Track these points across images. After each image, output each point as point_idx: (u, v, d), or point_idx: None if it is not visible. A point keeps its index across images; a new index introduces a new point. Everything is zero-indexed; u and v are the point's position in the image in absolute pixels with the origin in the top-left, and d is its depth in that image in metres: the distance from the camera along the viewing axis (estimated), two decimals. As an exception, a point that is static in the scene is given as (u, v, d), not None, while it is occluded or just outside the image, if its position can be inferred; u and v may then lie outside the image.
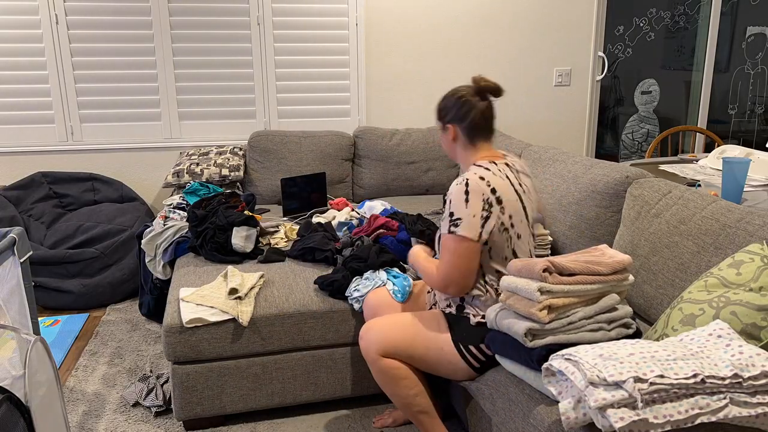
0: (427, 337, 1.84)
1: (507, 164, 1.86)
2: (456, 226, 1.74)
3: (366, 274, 2.26)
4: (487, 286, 1.83)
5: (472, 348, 1.80)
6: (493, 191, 1.75)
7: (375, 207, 2.97)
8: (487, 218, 1.74)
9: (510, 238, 1.80)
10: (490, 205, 1.74)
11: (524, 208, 1.83)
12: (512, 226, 1.80)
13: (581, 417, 1.29)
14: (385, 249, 2.35)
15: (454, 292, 1.80)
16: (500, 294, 1.74)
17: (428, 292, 2.10)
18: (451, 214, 1.75)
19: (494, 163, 1.83)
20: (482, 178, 1.75)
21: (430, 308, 2.04)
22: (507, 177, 1.81)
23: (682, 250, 1.84)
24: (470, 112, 1.84)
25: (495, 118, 1.89)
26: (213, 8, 3.52)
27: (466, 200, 1.73)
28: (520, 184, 1.85)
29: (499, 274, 1.83)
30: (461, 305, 1.88)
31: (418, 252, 1.97)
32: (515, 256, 1.83)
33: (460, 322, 1.85)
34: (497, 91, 1.85)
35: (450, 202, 1.76)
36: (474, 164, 1.83)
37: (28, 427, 1.36)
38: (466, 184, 1.74)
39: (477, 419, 1.88)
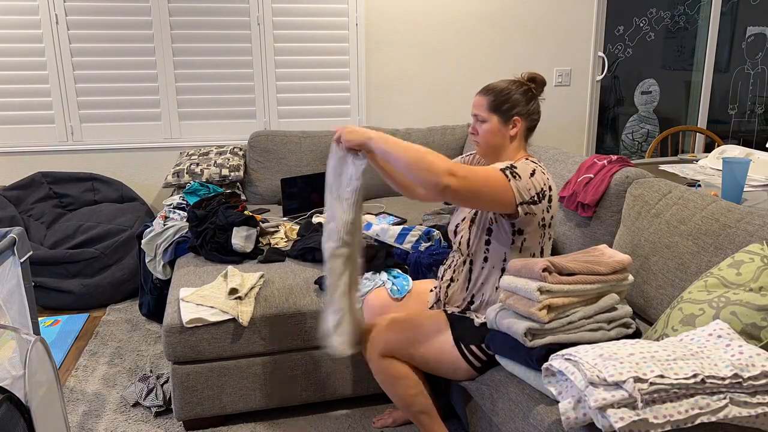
0: (428, 337, 1.84)
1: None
2: (513, 176, 1.65)
3: (367, 275, 2.26)
4: None
5: (473, 347, 1.80)
6: (550, 188, 1.75)
7: (386, 230, 2.65)
8: (535, 202, 1.70)
9: (543, 236, 1.80)
10: (544, 196, 1.72)
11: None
12: (550, 226, 1.80)
13: (581, 417, 1.29)
14: (391, 255, 2.36)
15: (441, 198, 1.62)
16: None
17: (431, 290, 2.10)
18: (512, 167, 1.67)
19: (540, 164, 1.81)
20: (543, 173, 1.75)
21: (431, 307, 2.04)
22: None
23: (682, 250, 1.84)
24: (538, 109, 1.84)
25: None
26: (213, 8, 3.52)
27: (531, 175, 1.69)
28: None
29: None
30: (469, 308, 1.88)
31: (383, 137, 1.65)
32: (542, 255, 1.83)
33: (463, 322, 1.85)
34: (543, 91, 1.86)
35: (514, 165, 1.69)
36: (526, 159, 1.79)
37: (28, 427, 1.36)
38: (533, 169, 1.71)
39: (477, 419, 1.88)
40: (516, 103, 1.79)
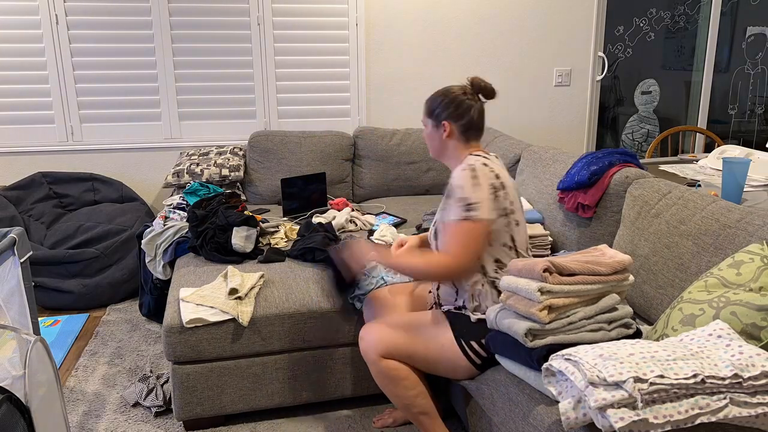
0: (428, 336, 1.84)
1: (496, 157, 1.92)
2: (471, 210, 1.75)
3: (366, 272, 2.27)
4: (486, 279, 1.83)
5: (473, 344, 1.80)
6: (497, 176, 1.80)
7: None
8: (496, 200, 1.78)
9: (509, 224, 1.83)
10: (497, 189, 1.79)
11: (518, 197, 1.89)
12: (512, 212, 1.84)
13: (581, 417, 1.29)
14: None
15: (463, 276, 1.83)
16: (501, 293, 1.74)
17: (429, 291, 2.10)
18: (463, 200, 1.76)
19: (486, 156, 1.87)
20: (485, 165, 1.80)
21: (431, 308, 2.04)
22: (502, 166, 1.88)
23: (682, 250, 1.84)
24: (469, 111, 1.88)
25: (484, 120, 1.94)
26: (213, 8, 3.52)
27: (477, 184, 1.76)
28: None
29: (498, 264, 1.83)
30: (462, 305, 1.89)
31: (385, 253, 1.84)
32: (513, 242, 1.84)
33: (460, 319, 1.85)
34: (492, 94, 1.92)
35: (459, 187, 1.77)
36: (471, 155, 1.87)
37: (28, 427, 1.36)
38: (473, 170, 1.77)
39: (477, 419, 1.88)
40: (445, 107, 1.88)
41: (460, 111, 1.88)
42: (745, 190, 2.59)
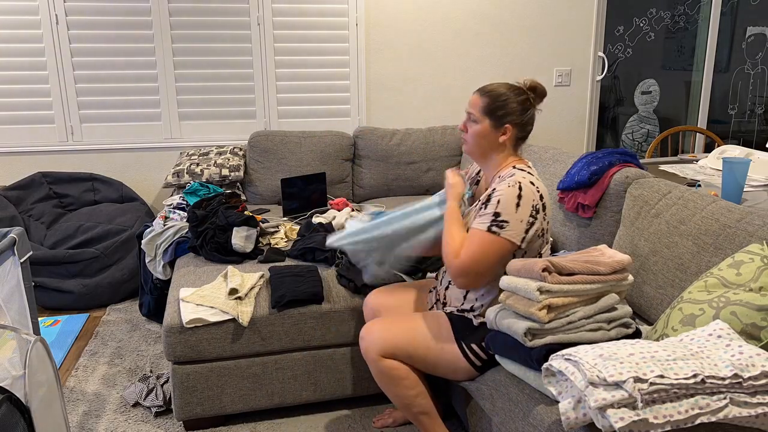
0: (428, 336, 1.84)
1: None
2: (500, 227, 1.71)
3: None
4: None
5: (473, 346, 1.80)
6: (541, 197, 1.75)
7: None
8: (532, 224, 1.74)
9: (542, 245, 1.81)
10: (537, 212, 1.74)
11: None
12: (547, 231, 1.81)
13: (581, 417, 1.29)
14: None
15: (463, 284, 1.77)
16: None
17: (429, 291, 2.10)
18: (497, 215, 1.71)
19: (530, 170, 1.81)
20: (533, 184, 1.74)
21: (431, 308, 2.04)
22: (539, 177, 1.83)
23: (682, 250, 1.84)
24: (532, 120, 1.82)
25: None
26: (213, 8, 3.52)
27: (518, 204, 1.71)
28: None
29: None
30: (470, 308, 1.88)
31: (453, 210, 1.83)
32: None
33: (462, 321, 1.85)
34: (541, 101, 1.84)
35: (498, 201, 1.72)
36: (515, 167, 1.80)
37: (28, 427, 1.36)
38: (519, 188, 1.71)
39: (477, 419, 1.88)
40: (511, 111, 1.78)
41: (526, 119, 1.80)
42: (745, 190, 2.59)
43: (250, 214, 2.54)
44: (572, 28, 4.01)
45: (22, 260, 1.59)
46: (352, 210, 2.98)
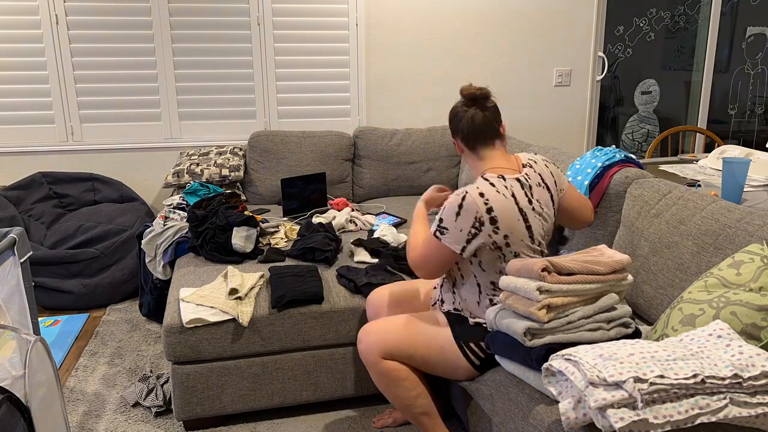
0: (428, 336, 1.84)
1: (519, 179, 1.79)
2: (441, 233, 1.76)
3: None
4: (482, 295, 1.83)
5: (472, 345, 1.80)
6: (489, 210, 1.71)
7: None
8: (474, 235, 1.72)
9: (503, 256, 1.77)
10: (481, 224, 1.71)
11: (529, 227, 1.77)
12: (507, 245, 1.75)
13: (581, 417, 1.29)
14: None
15: (421, 276, 1.87)
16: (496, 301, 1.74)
17: (434, 288, 2.10)
18: (440, 220, 1.76)
19: (503, 177, 1.78)
20: (482, 195, 1.71)
21: (434, 304, 2.04)
22: (513, 195, 1.75)
23: (682, 250, 1.84)
24: (461, 122, 1.84)
25: (490, 124, 1.82)
26: (213, 8, 3.52)
27: (457, 214, 1.72)
28: (530, 201, 1.78)
29: (494, 285, 1.83)
30: (458, 309, 1.89)
31: (420, 209, 2.00)
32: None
33: (460, 320, 1.85)
34: (483, 97, 1.83)
35: (444, 208, 1.76)
36: (482, 176, 1.80)
37: (28, 427, 1.36)
38: (462, 199, 1.72)
39: (477, 419, 1.88)
40: (450, 123, 1.90)
41: (456, 123, 1.86)
42: (745, 190, 2.59)
43: (250, 214, 2.54)
44: (572, 28, 4.01)
45: (22, 260, 1.59)
46: (352, 210, 2.98)
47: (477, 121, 1.81)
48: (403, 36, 3.79)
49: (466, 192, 1.73)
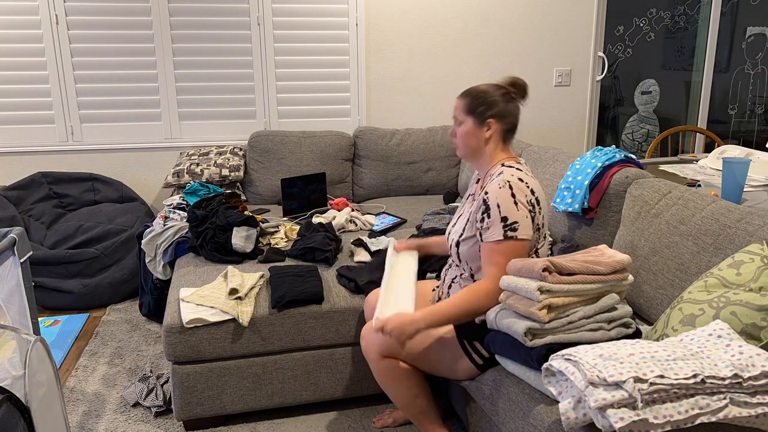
0: (429, 335, 1.84)
1: (525, 163, 1.86)
2: (514, 230, 1.71)
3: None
4: None
5: (476, 344, 1.80)
6: (532, 192, 1.75)
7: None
8: (533, 218, 1.74)
9: (539, 239, 1.80)
10: (533, 206, 1.74)
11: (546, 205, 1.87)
12: (543, 225, 1.81)
13: (581, 417, 1.29)
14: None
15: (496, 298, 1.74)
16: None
17: (433, 290, 2.10)
18: (505, 219, 1.71)
19: (520, 166, 1.81)
20: (521, 180, 1.74)
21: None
22: (533, 175, 1.82)
23: (682, 250, 1.84)
24: (515, 112, 1.83)
25: None
26: (213, 8, 3.52)
27: (515, 202, 1.71)
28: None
29: None
30: None
31: (426, 316, 1.71)
32: (537, 255, 1.82)
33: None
34: (527, 95, 1.85)
35: (498, 206, 1.71)
36: (503, 164, 1.81)
37: (28, 427, 1.36)
38: (510, 187, 1.71)
39: (477, 419, 1.88)
40: (491, 105, 1.80)
41: (507, 111, 1.81)
42: (745, 190, 2.59)
43: (250, 214, 2.54)
44: (572, 28, 4.01)
45: (22, 260, 1.59)
46: (352, 210, 2.98)
47: (518, 116, 1.85)
48: (403, 36, 3.79)
49: (507, 181, 1.73)
